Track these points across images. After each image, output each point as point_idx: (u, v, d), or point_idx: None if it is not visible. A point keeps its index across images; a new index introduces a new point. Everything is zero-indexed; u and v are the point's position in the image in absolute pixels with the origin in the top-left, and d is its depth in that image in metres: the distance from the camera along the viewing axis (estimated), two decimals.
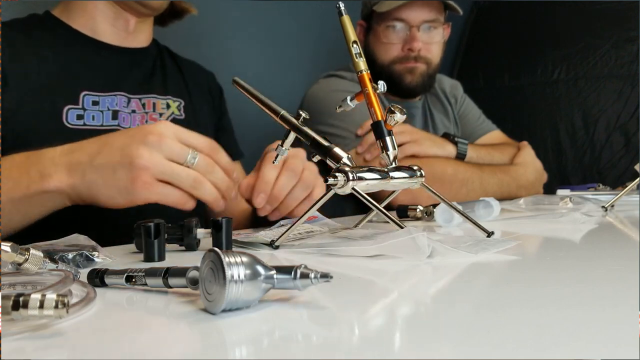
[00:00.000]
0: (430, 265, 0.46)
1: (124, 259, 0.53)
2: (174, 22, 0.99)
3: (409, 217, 0.79)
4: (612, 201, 0.87)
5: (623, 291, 0.37)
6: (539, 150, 1.33)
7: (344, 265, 0.47)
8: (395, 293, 0.39)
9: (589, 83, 2.11)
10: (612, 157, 2.04)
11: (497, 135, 1.44)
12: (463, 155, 1.18)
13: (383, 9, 1.26)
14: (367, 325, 0.31)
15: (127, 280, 0.39)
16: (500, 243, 0.53)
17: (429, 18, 1.29)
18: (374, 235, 0.56)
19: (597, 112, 2.08)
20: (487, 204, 0.75)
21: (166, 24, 0.99)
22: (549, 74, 2.20)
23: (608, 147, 2.05)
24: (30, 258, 0.40)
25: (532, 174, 1.25)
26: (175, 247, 0.57)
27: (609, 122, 2.05)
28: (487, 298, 0.37)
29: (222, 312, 0.31)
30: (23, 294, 0.29)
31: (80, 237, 0.53)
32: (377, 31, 1.31)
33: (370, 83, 0.59)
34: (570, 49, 2.16)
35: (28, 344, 0.28)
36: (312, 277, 0.33)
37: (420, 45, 1.28)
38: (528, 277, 0.43)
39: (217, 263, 0.31)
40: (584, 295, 0.36)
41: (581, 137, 2.11)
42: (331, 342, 0.28)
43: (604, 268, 0.46)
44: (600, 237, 0.66)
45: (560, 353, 0.25)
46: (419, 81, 1.31)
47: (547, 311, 0.32)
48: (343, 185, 0.52)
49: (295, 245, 0.56)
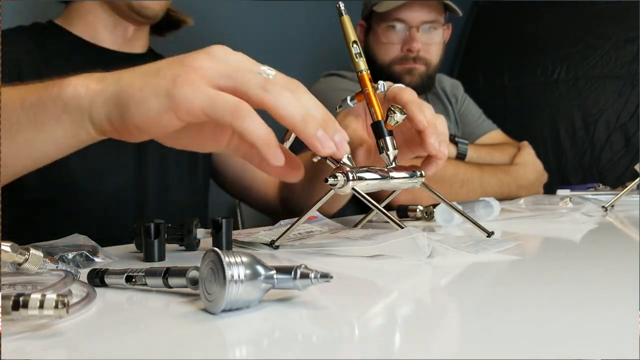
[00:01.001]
0: (430, 265, 0.46)
1: (124, 259, 0.53)
2: (171, 32, 1.02)
3: (409, 217, 0.79)
4: (612, 201, 0.87)
5: (623, 291, 0.37)
6: (539, 150, 1.33)
7: (344, 265, 0.47)
8: (395, 293, 0.39)
9: (589, 83, 2.11)
10: (612, 157, 2.04)
11: (498, 135, 1.44)
12: (463, 155, 1.18)
13: (383, 9, 1.26)
14: (367, 325, 0.31)
15: (127, 280, 0.39)
16: (500, 243, 0.53)
17: (429, 19, 1.29)
18: (374, 235, 0.56)
19: (597, 112, 2.08)
20: (487, 204, 0.75)
21: (164, 34, 1.02)
22: (549, 74, 2.20)
23: (608, 147, 2.05)
24: (30, 258, 0.40)
25: (532, 174, 1.25)
26: (175, 247, 0.57)
27: (609, 122, 2.06)
28: (487, 298, 0.37)
29: (222, 312, 0.31)
30: (23, 294, 0.29)
31: (80, 237, 0.53)
32: (377, 31, 1.31)
33: (370, 83, 0.59)
34: (570, 49, 2.16)
35: (28, 344, 0.28)
36: (312, 277, 0.33)
37: (420, 46, 1.28)
38: (528, 277, 0.43)
39: (217, 263, 0.31)
40: (583, 295, 0.36)
41: (581, 137, 2.11)
42: (331, 342, 0.28)
43: (604, 268, 0.46)
44: (600, 237, 0.66)
45: (560, 353, 0.25)
46: (418, 82, 1.31)
47: (547, 311, 0.32)
48: (343, 185, 0.52)
49: (295, 245, 0.56)
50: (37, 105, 0.47)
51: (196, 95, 0.41)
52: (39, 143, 0.48)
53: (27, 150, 0.48)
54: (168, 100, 0.41)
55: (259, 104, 0.42)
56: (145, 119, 0.43)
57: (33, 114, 0.47)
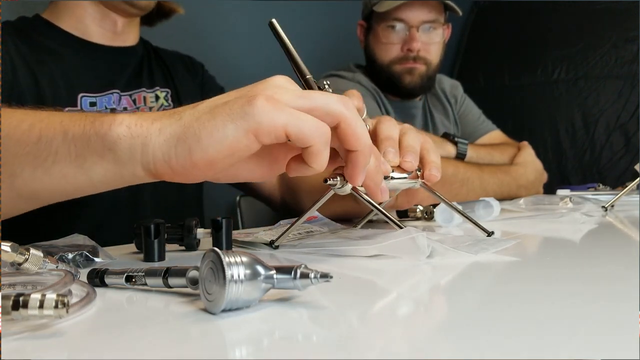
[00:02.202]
0: (429, 265, 0.46)
1: (124, 259, 0.53)
2: (161, 21, 1.00)
3: (409, 217, 0.79)
4: (612, 201, 0.87)
5: (623, 291, 0.37)
6: (539, 150, 1.33)
7: (344, 265, 0.47)
8: (395, 293, 0.39)
9: (589, 83, 2.12)
10: (612, 157, 2.04)
11: (497, 135, 1.44)
12: (463, 155, 1.18)
13: (383, 9, 1.26)
14: (367, 325, 0.31)
15: (127, 280, 0.39)
16: (500, 243, 0.53)
17: (429, 18, 1.29)
18: (373, 235, 0.56)
19: (597, 112, 2.09)
20: (487, 204, 0.75)
21: (154, 24, 1.00)
22: (549, 74, 2.20)
23: (608, 147, 2.05)
24: (30, 258, 0.40)
25: (532, 174, 1.25)
26: (175, 247, 0.57)
27: (609, 122, 2.06)
28: (486, 298, 0.37)
29: (222, 312, 0.31)
30: (23, 294, 0.29)
31: (80, 237, 0.53)
32: (377, 31, 1.31)
33: None
34: (570, 49, 2.16)
35: (28, 344, 0.28)
36: (312, 277, 0.33)
37: (420, 45, 1.28)
38: (528, 277, 0.43)
39: (217, 263, 0.31)
40: (583, 295, 0.36)
41: (581, 137, 2.11)
42: (331, 342, 0.28)
43: (604, 268, 0.46)
44: (600, 237, 0.66)
45: (560, 353, 0.25)
46: (418, 82, 1.31)
47: (547, 311, 0.32)
48: (343, 186, 0.52)
49: (295, 245, 0.56)
50: (81, 139, 0.44)
51: (278, 114, 0.39)
52: (75, 178, 0.45)
53: (61, 183, 0.45)
54: (246, 121, 0.39)
55: (338, 119, 0.42)
56: (221, 148, 0.40)
57: (74, 146, 0.44)
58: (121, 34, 0.92)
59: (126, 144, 0.42)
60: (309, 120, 0.40)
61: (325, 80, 0.56)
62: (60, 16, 0.90)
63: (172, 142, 0.41)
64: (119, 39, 0.93)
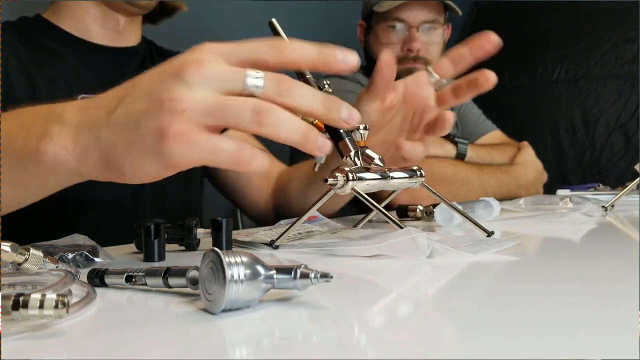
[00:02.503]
0: (429, 265, 0.46)
1: (124, 259, 0.53)
2: (164, 19, 0.99)
3: (409, 217, 0.79)
4: (612, 201, 0.87)
5: (623, 291, 0.37)
6: (539, 150, 1.33)
7: (344, 265, 0.47)
8: (395, 293, 0.39)
9: (589, 83, 2.12)
10: (612, 157, 2.04)
11: (497, 136, 1.44)
12: (463, 155, 1.17)
13: (382, 8, 1.26)
14: (367, 325, 0.31)
15: (127, 280, 0.39)
16: (500, 243, 0.53)
17: (429, 18, 1.29)
18: (373, 235, 0.56)
19: (597, 112, 2.09)
20: (487, 204, 0.75)
21: (156, 22, 0.99)
22: (549, 74, 2.20)
23: (608, 147, 2.05)
24: (30, 258, 0.40)
25: (532, 174, 1.25)
26: (175, 247, 0.57)
27: (609, 122, 2.06)
28: (486, 298, 0.37)
29: (222, 312, 0.31)
30: (23, 294, 0.29)
31: (80, 237, 0.53)
32: (376, 31, 1.31)
33: None
34: (570, 49, 2.16)
35: (28, 344, 0.28)
36: (312, 277, 0.33)
37: (420, 45, 1.28)
38: (528, 277, 0.43)
39: (217, 263, 0.31)
40: (583, 295, 0.36)
41: (581, 137, 2.11)
42: (331, 342, 0.28)
43: (604, 268, 0.46)
44: (600, 237, 0.66)
45: (560, 353, 0.25)
46: None
47: (547, 311, 0.32)
48: (343, 186, 0.52)
49: (295, 245, 0.56)
50: (16, 165, 0.44)
51: (191, 152, 0.38)
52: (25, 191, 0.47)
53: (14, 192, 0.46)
54: (161, 161, 0.39)
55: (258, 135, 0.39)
56: (149, 178, 0.41)
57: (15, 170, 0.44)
58: (123, 33, 0.92)
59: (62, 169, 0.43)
60: (226, 148, 0.38)
61: (325, 80, 0.56)
62: (60, 16, 0.89)
63: (100, 166, 0.42)
64: (121, 38, 0.92)
